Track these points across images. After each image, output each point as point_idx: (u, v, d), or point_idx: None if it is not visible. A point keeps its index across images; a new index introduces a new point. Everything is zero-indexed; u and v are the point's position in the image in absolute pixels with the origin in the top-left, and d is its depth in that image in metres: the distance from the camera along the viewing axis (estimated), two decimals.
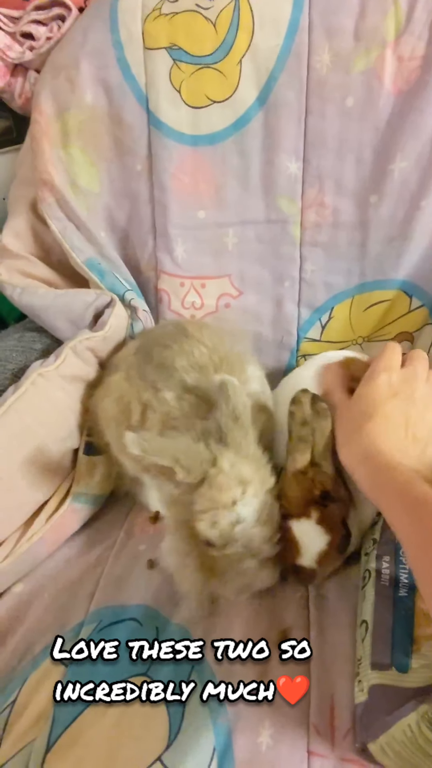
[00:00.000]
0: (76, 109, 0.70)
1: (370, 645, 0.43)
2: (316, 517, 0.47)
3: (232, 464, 0.46)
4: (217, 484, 0.45)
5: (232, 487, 0.45)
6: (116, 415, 0.58)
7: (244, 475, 0.46)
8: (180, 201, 0.72)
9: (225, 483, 0.45)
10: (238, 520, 0.45)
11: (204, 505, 0.45)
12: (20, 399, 0.58)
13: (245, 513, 0.45)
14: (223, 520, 0.44)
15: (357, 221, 0.71)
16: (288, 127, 0.68)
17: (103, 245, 0.73)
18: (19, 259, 0.74)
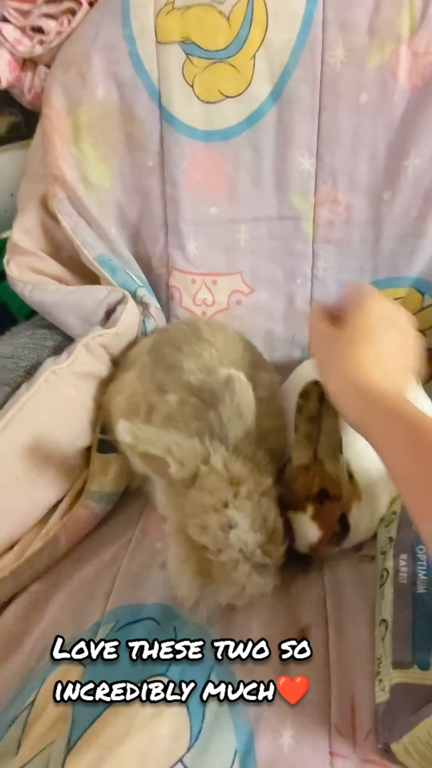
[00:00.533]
0: (88, 105, 0.69)
1: (390, 644, 0.43)
2: (311, 512, 0.47)
3: (225, 462, 0.44)
4: (207, 486, 0.43)
5: (222, 488, 0.43)
6: (126, 413, 0.58)
7: (237, 474, 0.44)
8: (192, 197, 0.72)
9: (215, 485, 0.43)
10: (230, 524, 0.42)
11: (193, 509, 0.43)
12: (34, 396, 0.57)
13: (238, 517, 0.42)
14: (214, 524, 0.42)
15: (370, 218, 0.71)
16: (301, 123, 0.68)
17: (115, 241, 0.72)
18: (30, 255, 0.74)
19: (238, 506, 0.43)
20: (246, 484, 0.44)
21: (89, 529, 0.58)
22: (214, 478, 0.44)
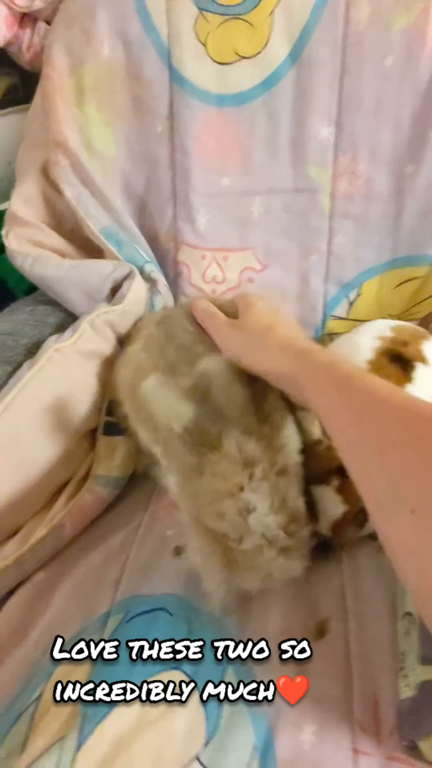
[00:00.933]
0: (92, 64, 0.65)
1: (417, 638, 0.41)
2: (336, 485, 0.45)
3: (239, 445, 0.42)
4: (219, 471, 0.41)
5: (236, 472, 0.41)
6: (132, 386, 0.54)
7: (251, 455, 0.42)
8: (203, 166, 0.68)
9: (228, 468, 0.41)
10: (247, 508, 0.40)
11: (206, 497, 0.41)
12: (37, 376, 0.54)
13: (255, 499, 0.40)
14: (231, 511, 0.40)
15: (391, 192, 0.67)
16: (321, 88, 0.63)
17: (120, 213, 0.68)
18: (30, 227, 0.70)
19: (254, 488, 0.41)
20: (260, 465, 0.41)
21: (96, 515, 0.56)
22: (226, 462, 0.41)
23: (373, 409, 0.34)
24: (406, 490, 0.30)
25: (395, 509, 0.30)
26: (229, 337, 0.49)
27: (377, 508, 0.33)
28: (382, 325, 0.58)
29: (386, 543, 0.32)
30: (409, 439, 0.30)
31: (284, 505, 0.41)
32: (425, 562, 0.29)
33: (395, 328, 0.57)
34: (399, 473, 0.31)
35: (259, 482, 0.41)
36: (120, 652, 0.44)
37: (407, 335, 0.56)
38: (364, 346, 0.55)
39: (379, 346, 0.54)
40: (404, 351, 0.53)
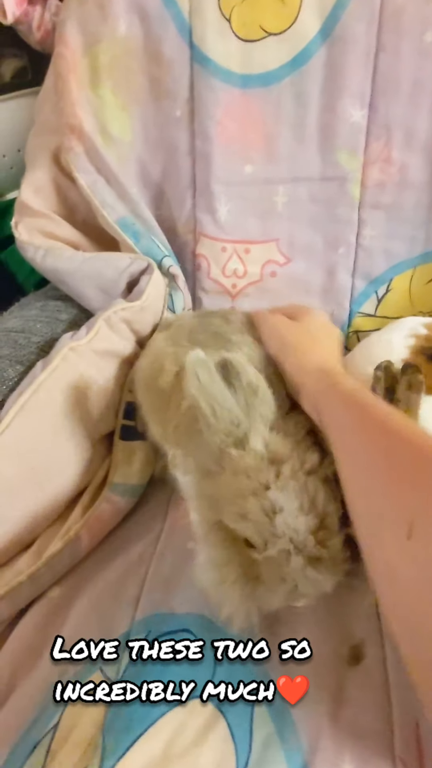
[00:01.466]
0: (108, 42, 0.61)
1: None
2: None
3: (266, 441, 0.38)
4: (242, 469, 0.37)
5: (262, 469, 0.37)
6: (147, 376, 0.52)
7: (279, 453, 0.38)
8: (225, 153, 0.64)
9: (253, 465, 0.37)
10: (273, 508, 0.36)
11: (229, 496, 0.37)
12: (51, 376, 0.51)
13: (282, 499, 0.36)
14: (255, 510, 0.36)
15: (427, 180, 0.63)
16: (354, 67, 0.59)
17: (137, 203, 0.64)
18: (41, 217, 0.66)
19: (281, 487, 0.37)
20: (289, 463, 0.38)
21: (113, 526, 0.53)
22: (251, 458, 0.38)
23: (388, 443, 0.33)
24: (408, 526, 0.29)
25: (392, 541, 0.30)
26: (274, 330, 0.49)
27: (373, 540, 0.32)
28: (414, 323, 0.55)
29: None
30: (422, 481, 0.30)
31: (314, 507, 0.37)
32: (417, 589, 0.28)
33: (429, 325, 0.54)
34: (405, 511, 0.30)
35: (287, 480, 0.37)
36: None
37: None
38: (397, 344, 0.52)
39: (413, 345, 0.51)
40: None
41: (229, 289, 0.70)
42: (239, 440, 0.39)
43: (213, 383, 0.39)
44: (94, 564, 0.50)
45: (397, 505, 0.30)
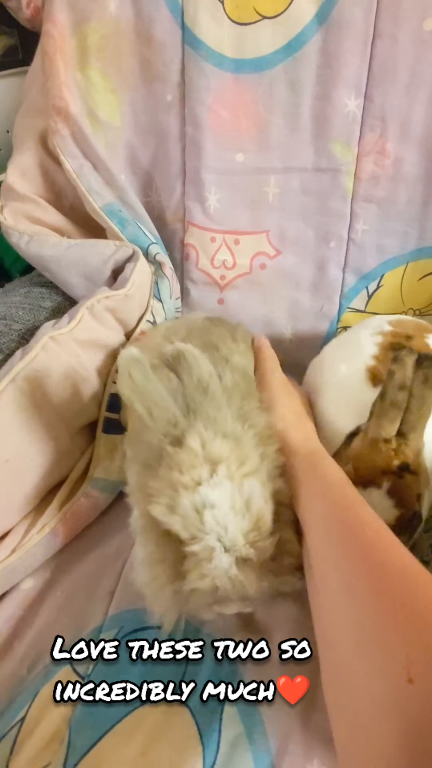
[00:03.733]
0: (98, 21, 0.58)
1: None
2: (387, 487, 0.41)
3: (203, 441, 0.37)
4: (177, 463, 0.36)
5: (196, 466, 0.36)
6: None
7: (217, 453, 0.37)
8: (216, 140, 0.62)
9: (188, 462, 0.36)
10: (204, 503, 0.35)
11: (159, 487, 0.36)
12: (29, 365, 0.50)
13: (214, 496, 0.35)
14: (185, 503, 0.35)
15: (421, 175, 0.62)
16: (351, 54, 0.57)
17: (124, 189, 0.63)
18: (27, 201, 0.64)
19: (214, 485, 0.35)
20: (226, 464, 0.36)
21: (91, 521, 0.52)
22: (187, 454, 0.36)
23: (377, 577, 0.31)
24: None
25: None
26: (275, 375, 0.50)
27: (354, 676, 0.30)
28: (379, 320, 0.55)
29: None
30: (417, 617, 0.28)
31: (248, 508, 0.36)
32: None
33: (393, 322, 0.53)
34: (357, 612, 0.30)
35: (222, 479, 0.36)
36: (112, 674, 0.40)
37: (409, 329, 0.52)
38: (365, 342, 0.51)
39: (381, 342, 0.50)
40: (410, 345, 0.50)
41: (217, 280, 0.68)
42: (177, 439, 0.37)
43: (148, 383, 0.38)
44: (70, 556, 0.50)
45: (390, 648, 0.27)
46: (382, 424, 0.41)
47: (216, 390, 0.39)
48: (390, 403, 0.41)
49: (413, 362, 0.41)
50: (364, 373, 0.48)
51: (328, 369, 0.53)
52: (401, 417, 0.41)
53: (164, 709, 0.39)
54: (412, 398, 0.41)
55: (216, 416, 0.38)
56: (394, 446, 0.41)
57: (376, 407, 0.42)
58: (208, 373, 0.39)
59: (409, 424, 0.41)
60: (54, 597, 0.46)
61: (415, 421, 0.41)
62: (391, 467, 0.41)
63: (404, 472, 0.41)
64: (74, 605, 0.46)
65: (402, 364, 0.41)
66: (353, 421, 0.46)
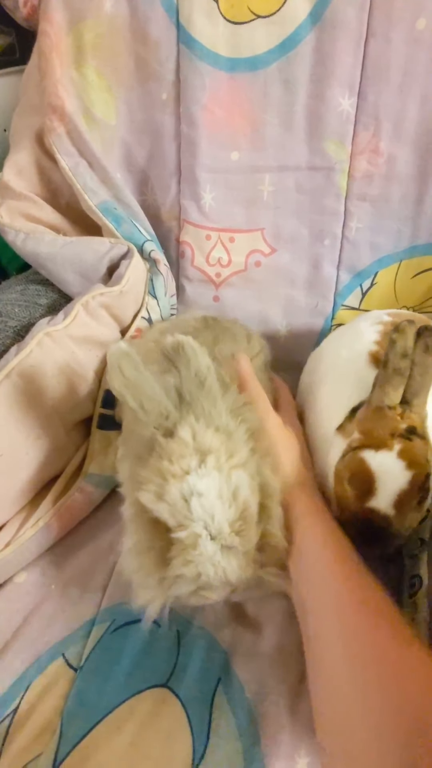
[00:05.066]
0: (93, 20, 0.59)
1: None
2: (399, 449, 0.40)
3: (194, 432, 0.37)
4: (167, 453, 0.36)
5: (185, 456, 0.36)
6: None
7: (207, 444, 0.37)
8: (211, 139, 0.62)
9: (178, 452, 0.36)
10: (192, 491, 0.35)
11: (147, 475, 0.37)
12: (24, 361, 0.50)
13: (202, 486, 0.35)
14: (173, 491, 0.35)
15: (415, 173, 0.62)
16: (344, 53, 0.58)
17: (120, 188, 0.63)
18: (23, 199, 0.65)
19: (202, 474, 0.36)
20: (215, 455, 0.36)
21: (85, 515, 0.52)
22: (178, 445, 0.37)
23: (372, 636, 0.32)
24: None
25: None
26: (269, 420, 0.47)
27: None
28: (378, 313, 0.55)
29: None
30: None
31: (235, 498, 0.36)
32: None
33: (392, 313, 0.54)
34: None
35: (210, 470, 0.36)
36: (104, 666, 0.41)
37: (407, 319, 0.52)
38: (366, 331, 0.51)
39: (381, 331, 0.51)
40: None
41: (212, 278, 0.69)
42: (169, 431, 0.38)
43: (139, 375, 0.38)
44: (63, 550, 0.50)
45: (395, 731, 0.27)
46: (387, 391, 0.40)
47: (212, 384, 0.40)
48: (393, 371, 0.40)
49: (414, 332, 0.40)
50: (366, 356, 0.48)
51: (329, 356, 0.53)
52: (404, 384, 0.40)
53: (155, 699, 0.39)
54: (415, 366, 0.40)
55: (210, 410, 0.39)
56: (400, 412, 0.41)
57: (379, 377, 0.42)
58: (206, 366, 0.39)
59: (413, 390, 0.40)
60: (47, 590, 0.47)
61: (419, 388, 0.41)
62: (399, 430, 0.40)
63: (412, 435, 0.41)
64: (67, 598, 0.46)
65: (403, 332, 0.40)
66: (356, 400, 0.45)
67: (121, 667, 0.41)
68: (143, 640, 0.42)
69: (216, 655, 0.41)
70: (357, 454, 0.41)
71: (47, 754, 0.37)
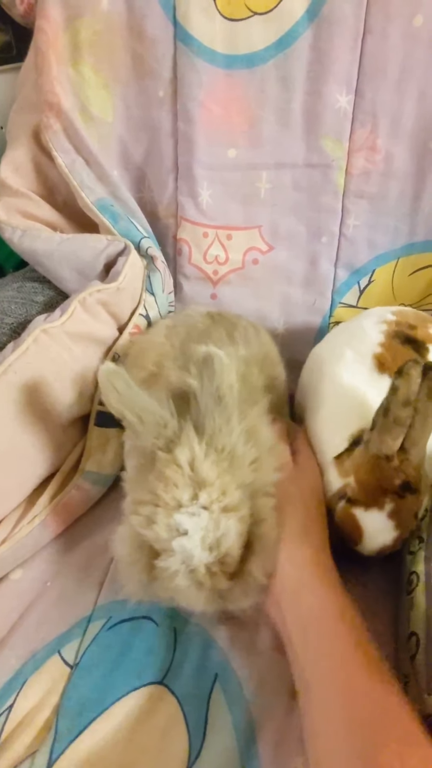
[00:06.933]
0: (90, 17, 0.59)
1: (424, 664, 0.37)
2: (390, 509, 0.41)
3: (193, 458, 0.37)
4: (165, 477, 0.36)
5: (180, 485, 0.36)
6: (132, 359, 0.54)
7: (204, 476, 0.36)
8: (208, 136, 0.62)
9: (174, 479, 0.36)
10: (178, 529, 0.35)
11: (143, 497, 0.37)
12: (21, 358, 0.50)
13: (187, 525, 0.35)
14: (160, 521, 0.36)
15: (412, 170, 0.62)
16: (341, 50, 0.58)
17: (117, 185, 0.63)
18: (20, 197, 0.65)
19: (192, 512, 0.36)
20: (208, 491, 0.36)
21: (82, 513, 0.52)
22: (174, 471, 0.37)
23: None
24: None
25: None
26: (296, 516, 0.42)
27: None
28: (382, 310, 0.55)
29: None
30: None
31: (217, 546, 0.36)
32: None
33: (395, 312, 0.54)
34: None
35: (200, 509, 0.36)
36: (100, 663, 0.41)
37: (411, 319, 0.52)
38: (370, 330, 0.51)
39: (385, 330, 0.51)
40: (414, 334, 0.50)
41: (210, 276, 0.69)
42: (169, 440, 0.38)
43: (131, 390, 0.38)
44: (60, 547, 0.50)
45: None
46: (385, 440, 0.39)
47: (229, 403, 0.39)
48: (393, 420, 0.39)
49: (418, 375, 0.38)
50: (371, 360, 0.48)
51: (331, 360, 0.52)
52: (404, 433, 0.39)
53: (151, 696, 0.39)
54: (417, 413, 0.39)
55: (222, 426, 0.39)
56: (396, 464, 0.40)
57: (378, 421, 0.40)
58: (229, 385, 0.39)
59: (412, 440, 0.40)
60: (43, 587, 0.47)
61: (418, 438, 0.40)
62: (393, 487, 0.40)
63: (405, 492, 0.40)
64: (63, 595, 0.46)
65: (407, 377, 0.38)
66: (358, 420, 0.44)
67: (117, 664, 0.41)
68: (139, 637, 0.42)
69: (213, 652, 0.41)
70: (349, 509, 0.42)
71: (43, 751, 0.37)
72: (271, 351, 0.55)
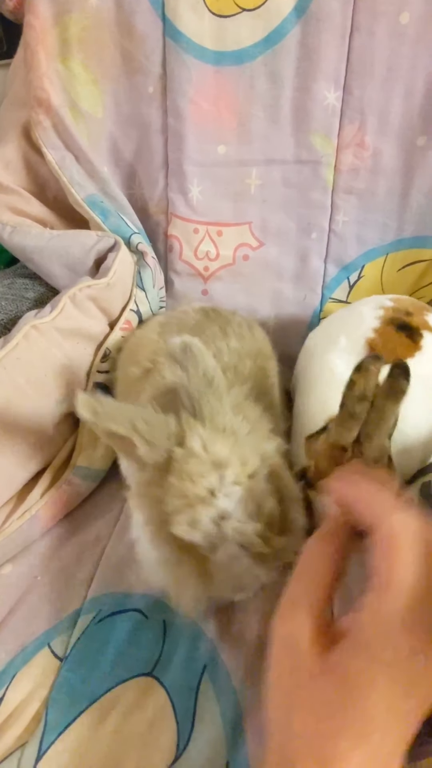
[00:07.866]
0: (79, 13, 0.59)
1: None
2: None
3: (204, 443, 0.37)
4: (187, 473, 0.36)
5: (205, 473, 0.36)
6: (126, 357, 0.54)
7: (220, 455, 0.37)
8: (198, 132, 0.63)
9: (197, 470, 0.36)
10: (221, 515, 0.35)
11: (176, 504, 0.36)
12: (10, 354, 0.50)
13: (229, 506, 0.36)
14: (204, 518, 0.35)
15: (400, 167, 0.62)
16: (329, 47, 0.58)
17: (107, 181, 0.63)
18: (10, 193, 0.65)
19: (227, 493, 0.36)
20: (231, 467, 0.37)
21: (72, 508, 0.52)
22: (195, 462, 0.37)
23: None
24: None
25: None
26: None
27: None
28: (380, 298, 0.55)
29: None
30: None
31: (260, 512, 0.36)
32: None
33: (394, 299, 0.55)
34: None
35: (231, 486, 0.36)
36: (89, 655, 0.41)
37: (408, 306, 0.53)
38: (367, 315, 0.52)
39: (382, 315, 0.51)
40: (409, 320, 0.50)
41: (201, 272, 0.69)
42: (179, 436, 0.38)
43: (120, 407, 0.38)
44: (50, 542, 0.50)
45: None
46: (340, 431, 0.40)
47: (219, 382, 0.40)
48: (348, 414, 0.39)
49: (379, 370, 0.38)
50: (363, 344, 0.48)
51: (327, 341, 0.53)
52: (359, 427, 0.39)
53: (140, 688, 0.39)
54: (372, 409, 0.38)
55: (218, 408, 0.39)
56: (350, 455, 0.40)
57: (338, 413, 0.40)
58: (212, 366, 0.40)
59: (366, 434, 0.39)
60: (33, 581, 0.47)
61: (372, 432, 0.39)
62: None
63: None
64: (53, 589, 0.46)
65: (365, 373, 0.38)
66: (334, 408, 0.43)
67: (106, 657, 0.41)
68: (129, 630, 0.42)
69: (202, 643, 0.42)
70: (305, 490, 0.42)
71: (32, 743, 0.37)
72: (265, 347, 0.56)
